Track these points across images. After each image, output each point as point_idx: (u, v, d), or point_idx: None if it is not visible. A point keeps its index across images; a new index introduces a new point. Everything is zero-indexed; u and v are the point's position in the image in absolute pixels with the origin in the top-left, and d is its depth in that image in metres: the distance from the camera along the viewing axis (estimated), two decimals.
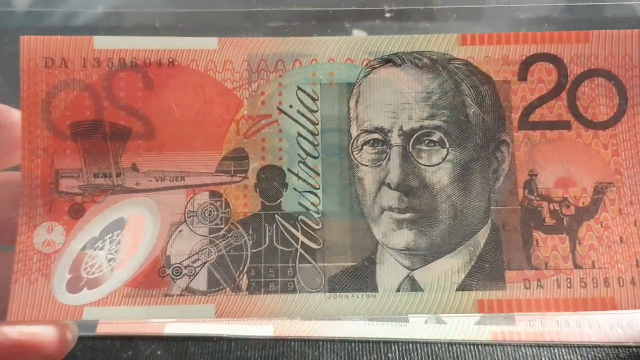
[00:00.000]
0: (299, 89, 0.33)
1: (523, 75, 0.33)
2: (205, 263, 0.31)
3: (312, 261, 0.31)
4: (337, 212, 0.32)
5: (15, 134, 0.31)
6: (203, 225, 0.32)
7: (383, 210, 0.32)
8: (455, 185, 0.32)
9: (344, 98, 0.33)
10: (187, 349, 0.36)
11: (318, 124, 0.32)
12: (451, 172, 0.32)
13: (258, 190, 0.32)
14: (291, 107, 0.33)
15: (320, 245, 0.32)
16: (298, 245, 0.32)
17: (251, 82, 0.33)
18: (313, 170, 0.32)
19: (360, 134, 0.32)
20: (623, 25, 0.33)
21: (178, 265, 0.31)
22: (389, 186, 0.32)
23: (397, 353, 0.37)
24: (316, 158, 0.32)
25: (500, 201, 0.32)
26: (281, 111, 0.32)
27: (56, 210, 0.31)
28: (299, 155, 0.32)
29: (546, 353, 0.37)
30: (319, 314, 0.31)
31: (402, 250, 0.32)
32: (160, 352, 0.36)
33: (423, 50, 0.33)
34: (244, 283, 0.31)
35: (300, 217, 0.32)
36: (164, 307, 0.31)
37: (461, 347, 0.37)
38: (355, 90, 0.33)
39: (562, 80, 0.33)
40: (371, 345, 0.37)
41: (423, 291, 0.31)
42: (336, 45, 0.33)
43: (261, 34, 0.33)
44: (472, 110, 0.32)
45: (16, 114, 0.32)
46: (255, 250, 0.31)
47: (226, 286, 0.31)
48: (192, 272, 0.31)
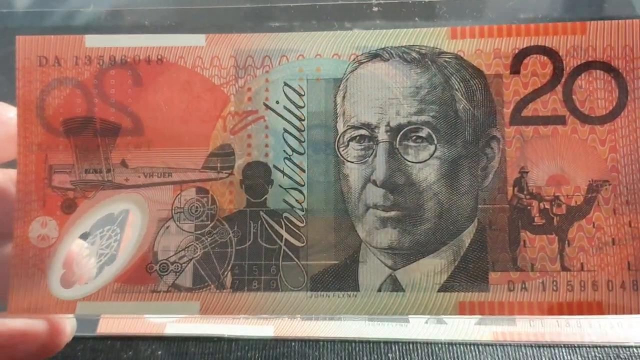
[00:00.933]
0: (286, 85, 0.32)
1: (516, 68, 0.32)
2: (190, 259, 0.32)
3: (295, 259, 0.32)
4: (321, 209, 0.32)
5: (11, 129, 0.33)
6: (189, 221, 0.32)
7: (368, 207, 0.32)
8: (442, 182, 0.31)
9: (331, 93, 0.32)
10: (187, 349, 0.37)
11: (304, 120, 0.32)
12: (438, 169, 0.31)
13: (243, 186, 0.32)
14: (277, 103, 0.32)
15: (303, 242, 0.32)
16: (282, 242, 0.32)
17: (238, 78, 0.33)
18: (298, 166, 0.32)
19: (346, 130, 0.32)
20: (623, 14, 0.31)
21: (165, 261, 0.32)
22: (374, 183, 0.32)
23: (397, 353, 0.37)
24: (302, 154, 0.32)
25: (487, 199, 0.31)
26: (267, 107, 0.32)
27: (49, 204, 0.32)
28: (285, 151, 0.32)
29: (546, 353, 0.37)
30: (300, 312, 0.31)
31: (385, 248, 0.31)
32: (160, 352, 0.37)
33: (411, 44, 0.32)
34: (228, 280, 0.32)
35: (284, 214, 0.32)
36: (152, 303, 0.32)
37: (461, 347, 0.37)
38: (342, 85, 0.32)
39: (557, 73, 0.31)
40: (371, 345, 0.38)
41: (404, 291, 0.31)
42: (323, 40, 0.32)
43: (248, 31, 0.32)
44: (462, 104, 0.32)
45: (12, 110, 0.33)
46: (239, 247, 0.32)
47: (210, 283, 0.32)
48: (178, 269, 0.32)
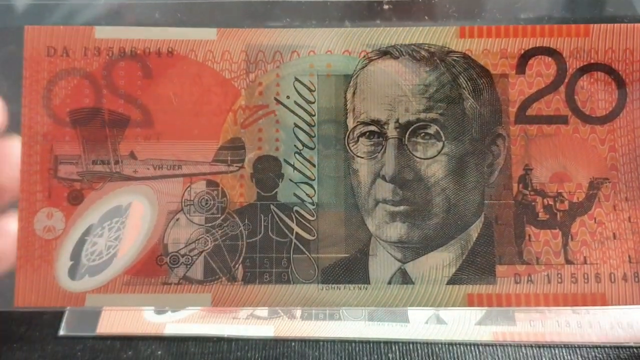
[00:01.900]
0: (296, 80, 0.33)
1: (521, 68, 0.33)
2: (201, 252, 0.32)
3: (306, 252, 0.32)
4: (332, 204, 0.32)
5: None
6: (199, 213, 0.32)
7: (377, 202, 0.32)
8: (449, 178, 0.32)
9: (341, 89, 0.33)
10: (187, 349, 0.37)
11: (315, 115, 0.33)
12: (446, 165, 0.32)
13: (254, 180, 0.32)
14: (288, 98, 0.33)
15: (314, 236, 0.32)
16: (292, 235, 0.32)
17: (249, 73, 0.33)
18: (309, 161, 0.32)
19: (356, 126, 0.33)
20: (623, 21, 0.33)
21: (175, 253, 0.32)
22: (384, 178, 0.32)
23: (397, 353, 0.37)
24: (312, 149, 0.32)
25: (494, 195, 0.32)
26: (278, 101, 0.33)
27: (55, 195, 0.32)
28: (295, 145, 0.32)
29: (546, 353, 0.38)
30: (311, 305, 0.32)
31: (395, 242, 0.32)
32: (160, 352, 0.37)
33: (421, 42, 0.33)
34: (239, 273, 0.32)
35: (295, 208, 0.32)
36: (162, 295, 0.31)
37: (461, 347, 0.38)
38: (352, 81, 0.33)
39: (561, 74, 0.33)
40: (371, 345, 0.38)
41: (414, 284, 0.32)
42: (334, 36, 0.33)
43: (259, 26, 0.33)
44: (469, 103, 0.32)
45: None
46: (250, 240, 0.32)
47: (222, 275, 0.32)
48: (189, 261, 0.32)
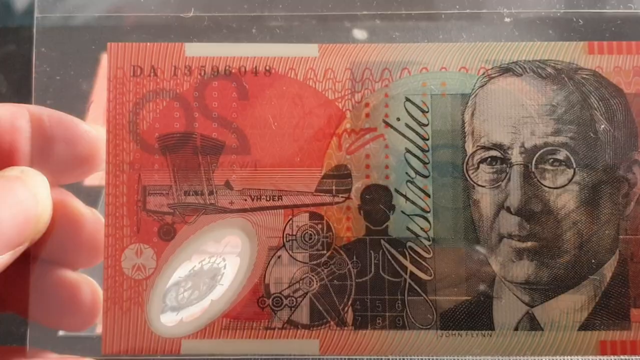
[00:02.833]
0: (407, 100, 0.30)
1: None
2: (306, 293, 0.29)
3: (423, 294, 0.29)
4: (450, 239, 0.29)
5: (81, 149, 0.29)
6: (303, 250, 0.29)
7: (502, 237, 0.29)
8: (581, 210, 0.29)
9: (458, 110, 0.30)
10: None
11: (428, 139, 0.29)
12: (577, 195, 0.29)
13: (362, 212, 0.29)
14: (398, 120, 0.30)
15: (431, 276, 0.29)
16: (406, 275, 0.29)
17: (354, 92, 0.30)
18: (423, 190, 0.29)
19: (476, 151, 0.29)
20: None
21: (278, 294, 0.29)
22: (509, 210, 0.29)
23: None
24: (426, 177, 0.29)
25: (629, 229, 0.29)
26: (387, 124, 0.30)
27: (144, 230, 0.29)
28: (407, 173, 0.29)
29: None
30: (429, 354, 0.28)
31: (522, 283, 0.29)
32: None
33: (546, 58, 0.30)
34: (349, 316, 0.29)
35: (408, 244, 0.29)
36: (266, 341, 0.28)
37: None
38: (470, 101, 0.30)
39: None
40: None
41: (543, 330, 0.28)
42: (449, 52, 0.30)
43: (364, 41, 0.30)
44: (602, 125, 0.29)
45: (83, 126, 0.29)
46: (359, 279, 0.29)
47: (330, 319, 0.29)
48: (293, 303, 0.29)
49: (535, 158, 0.29)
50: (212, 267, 0.29)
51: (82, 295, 0.28)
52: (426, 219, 0.29)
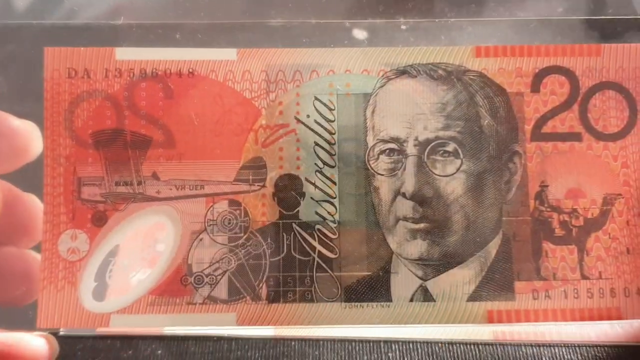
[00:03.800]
0: (316, 99, 0.33)
1: (536, 87, 0.33)
2: (225, 271, 0.32)
3: (329, 270, 0.32)
4: (353, 221, 0.33)
5: (15, 141, 0.32)
6: (223, 233, 0.32)
7: (398, 219, 0.33)
8: (468, 195, 0.33)
9: (360, 108, 0.33)
10: (187, 349, 0.37)
11: (335, 133, 0.33)
12: (464, 182, 0.33)
13: (276, 198, 0.33)
14: (308, 117, 0.33)
15: (336, 254, 0.32)
16: (315, 254, 0.32)
17: (269, 92, 0.33)
18: (329, 179, 0.33)
19: (376, 144, 0.33)
20: (635, 38, 0.34)
21: (199, 273, 0.32)
22: (404, 195, 0.33)
23: (397, 352, 0.38)
24: (333, 167, 0.33)
25: (511, 212, 0.33)
26: (298, 120, 0.33)
27: (79, 217, 0.32)
28: (316, 164, 0.33)
29: (546, 352, 0.38)
30: (335, 323, 0.32)
31: (416, 260, 0.33)
32: (160, 352, 0.37)
33: (438, 61, 0.33)
34: (263, 292, 0.32)
35: (317, 226, 0.33)
36: (187, 315, 0.32)
37: (461, 347, 0.38)
38: (371, 100, 0.33)
39: (574, 92, 0.33)
40: (371, 344, 0.38)
41: (435, 301, 0.32)
42: (352, 56, 0.33)
43: (279, 46, 0.33)
44: (486, 121, 0.33)
45: (15, 122, 0.32)
46: (273, 259, 0.32)
47: (246, 295, 0.32)
48: (213, 281, 0.32)
49: (427, 150, 0.33)
50: (140, 250, 0.32)
51: (19, 271, 0.31)
52: (332, 204, 0.33)
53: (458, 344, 0.39)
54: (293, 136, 0.33)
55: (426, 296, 0.32)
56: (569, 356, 0.38)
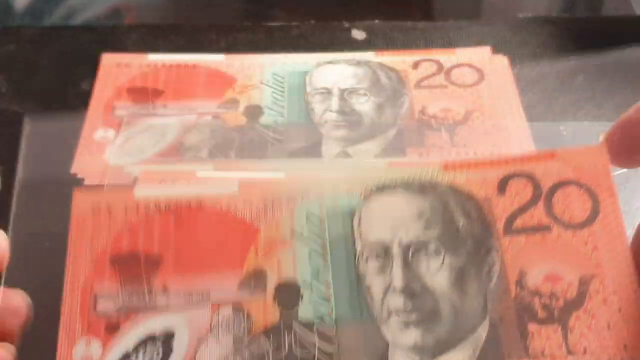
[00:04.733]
0: (308, 216, 0.38)
1: (501, 191, 0.38)
2: None
3: None
4: (349, 318, 0.35)
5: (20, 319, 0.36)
6: (227, 335, 0.35)
7: (390, 312, 0.35)
8: (453, 287, 0.35)
9: (348, 220, 0.38)
10: None
11: (326, 242, 0.37)
12: (448, 276, 0.36)
13: (276, 302, 0.36)
14: (302, 231, 0.37)
15: (335, 349, 0.34)
16: (315, 351, 0.34)
17: (266, 213, 0.38)
18: (325, 282, 0.36)
19: (364, 249, 0.37)
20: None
21: None
22: (394, 291, 0.35)
23: None
24: (327, 272, 0.36)
25: (495, 298, 0.35)
26: (293, 235, 0.37)
27: (94, 326, 0.35)
28: (311, 271, 0.36)
29: None
30: None
31: (411, 347, 0.34)
32: None
33: (412, 177, 0.38)
34: None
35: (315, 325, 0.35)
36: None
37: None
38: (357, 213, 0.38)
39: (536, 192, 0.37)
40: None
41: None
42: (337, 182, 0.39)
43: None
44: (461, 222, 0.37)
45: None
46: (276, 358, 0.34)
47: None
48: None
49: (411, 251, 0.36)
50: (150, 355, 0.34)
51: None
52: (329, 304, 0.35)
53: None
54: (289, 248, 0.37)
55: None
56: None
